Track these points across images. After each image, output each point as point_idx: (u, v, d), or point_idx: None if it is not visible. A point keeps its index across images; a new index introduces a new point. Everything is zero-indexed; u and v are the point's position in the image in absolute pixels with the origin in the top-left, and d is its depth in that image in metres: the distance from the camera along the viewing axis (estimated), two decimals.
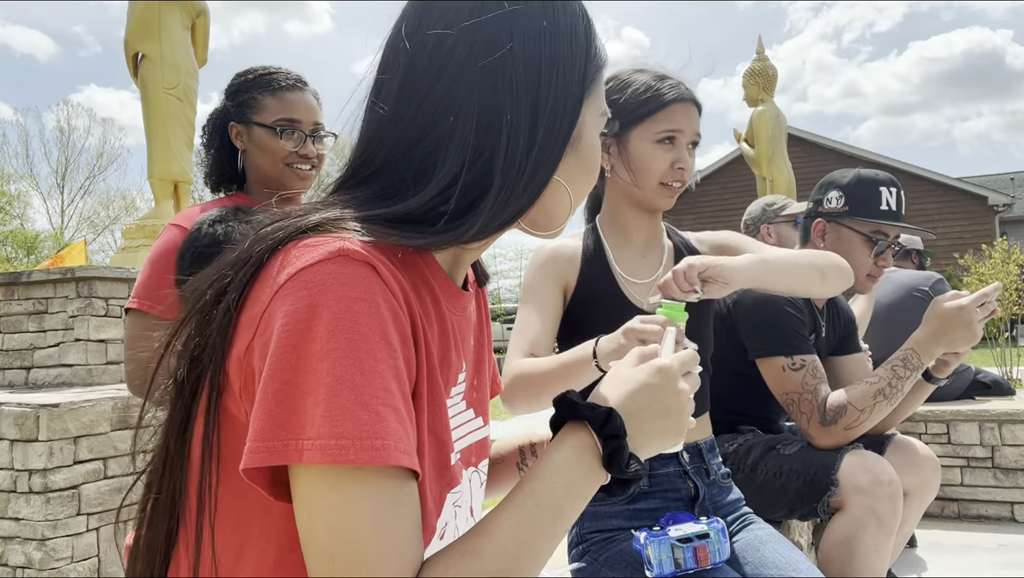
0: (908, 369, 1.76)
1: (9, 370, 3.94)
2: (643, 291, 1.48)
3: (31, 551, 2.85)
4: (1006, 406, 3.53)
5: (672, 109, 1.44)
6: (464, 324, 0.80)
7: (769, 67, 9.48)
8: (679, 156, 1.45)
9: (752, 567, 1.32)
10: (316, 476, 0.55)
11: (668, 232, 1.59)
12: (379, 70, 0.73)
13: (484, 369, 0.90)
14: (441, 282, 0.73)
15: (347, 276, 0.58)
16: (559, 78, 0.70)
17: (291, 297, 0.58)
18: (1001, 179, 24.25)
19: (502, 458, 1.02)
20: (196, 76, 5.35)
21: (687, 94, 1.45)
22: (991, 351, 4.83)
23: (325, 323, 0.56)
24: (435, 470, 0.68)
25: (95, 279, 3.79)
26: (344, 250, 0.59)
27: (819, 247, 2.01)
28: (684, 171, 1.45)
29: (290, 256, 0.61)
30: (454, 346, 0.75)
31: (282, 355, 0.56)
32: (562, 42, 0.71)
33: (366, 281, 0.59)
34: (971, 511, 3.54)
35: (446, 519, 0.71)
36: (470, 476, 0.81)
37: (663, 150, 1.45)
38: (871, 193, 1.94)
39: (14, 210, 28.01)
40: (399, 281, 0.63)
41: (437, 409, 0.68)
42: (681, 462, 1.43)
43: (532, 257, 1.54)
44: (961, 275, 9.86)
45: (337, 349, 0.56)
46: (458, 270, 0.78)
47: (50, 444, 2.85)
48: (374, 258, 0.60)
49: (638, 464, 0.68)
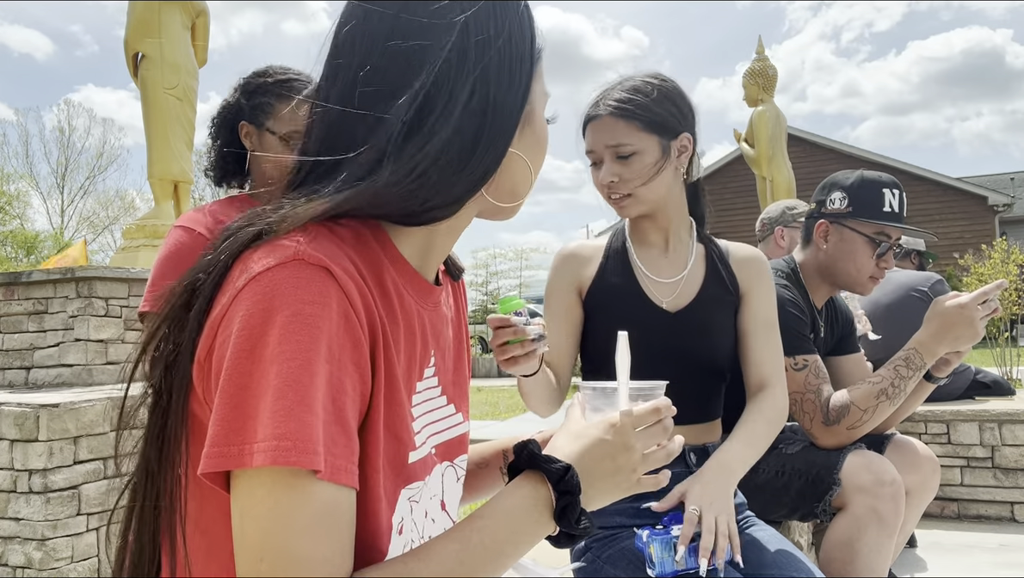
0: (911, 369, 1.76)
1: (9, 370, 3.94)
2: (664, 290, 1.48)
3: (31, 551, 2.85)
4: (1006, 406, 3.53)
5: (587, 132, 1.49)
6: (437, 318, 0.80)
7: (769, 67, 9.49)
8: (600, 175, 1.47)
9: (753, 567, 1.32)
10: (254, 478, 0.56)
11: (702, 237, 1.58)
12: (331, 56, 0.73)
13: (463, 363, 0.91)
14: (409, 278, 0.74)
15: (302, 280, 0.59)
16: (511, 52, 0.72)
17: (247, 302, 0.59)
18: (1001, 179, 24.26)
19: (486, 462, 1.03)
20: (196, 76, 5.35)
21: (594, 110, 1.48)
22: (991, 351, 4.83)
23: (277, 327, 0.57)
24: (391, 468, 0.69)
25: (95, 279, 3.79)
26: (300, 254, 0.60)
27: (822, 247, 2.02)
28: (607, 187, 1.47)
29: (251, 260, 0.62)
30: (421, 340, 0.76)
31: (236, 360, 0.57)
32: (512, 19, 0.73)
33: (320, 285, 0.59)
34: (971, 511, 3.54)
35: (401, 514, 0.71)
36: (443, 470, 0.81)
37: (595, 171, 1.50)
38: (874, 194, 1.94)
39: (14, 210, 28.03)
40: (357, 283, 0.63)
41: (396, 408, 0.69)
42: (688, 463, 1.43)
43: (553, 259, 1.58)
44: (961, 275, 9.86)
45: (286, 352, 0.56)
46: (428, 264, 0.78)
47: (50, 444, 2.85)
48: (330, 261, 0.61)
49: (588, 521, 0.69)
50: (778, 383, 1.50)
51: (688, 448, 1.44)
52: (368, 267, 0.68)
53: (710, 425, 1.50)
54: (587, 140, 1.50)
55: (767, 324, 1.52)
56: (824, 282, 2.05)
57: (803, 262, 2.08)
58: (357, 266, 0.65)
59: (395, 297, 0.71)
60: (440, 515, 0.80)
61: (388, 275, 0.71)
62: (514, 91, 0.73)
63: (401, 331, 0.71)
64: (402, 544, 0.72)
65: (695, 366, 1.46)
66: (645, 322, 1.44)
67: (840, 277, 2.00)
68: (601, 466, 0.72)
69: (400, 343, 0.71)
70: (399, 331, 0.70)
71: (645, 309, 1.45)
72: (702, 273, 1.51)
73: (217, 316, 0.61)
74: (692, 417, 1.46)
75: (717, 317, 1.48)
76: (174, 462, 0.64)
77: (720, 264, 1.53)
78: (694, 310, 1.46)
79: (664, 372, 1.46)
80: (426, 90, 0.67)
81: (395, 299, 0.71)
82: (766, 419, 1.43)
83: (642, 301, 1.46)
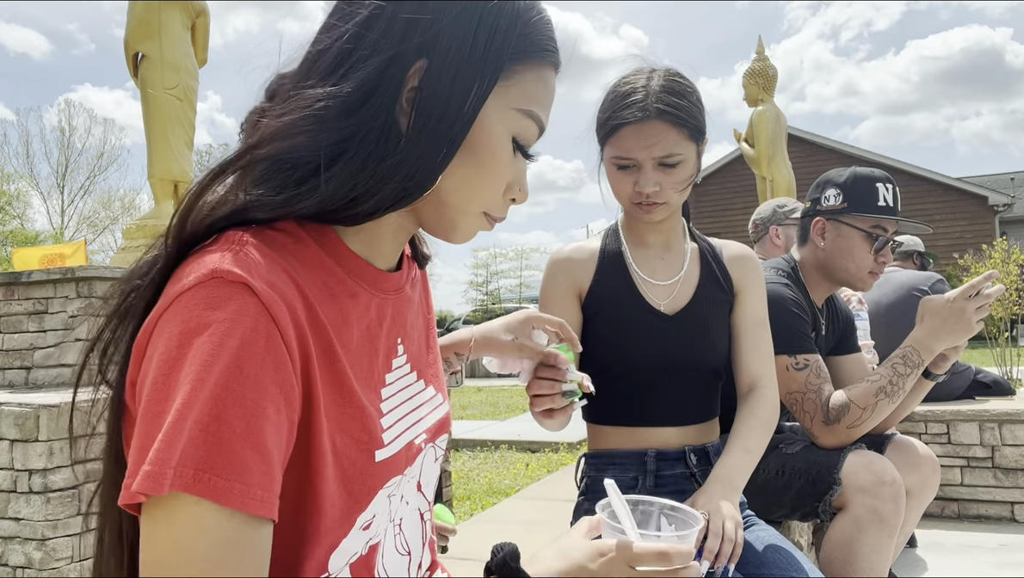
0: (908, 366, 1.76)
1: (9, 370, 3.94)
2: (661, 292, 1.47)
3: (31, 551, 2.85)
4: (1006, 406, 3.52)
5: (621, 135, 1.36)
6: (402, 303, 0.80)
7: (769, 67, 9.48)
8: (638, 179, 1.37)
9: (753, 567, 1.32)
10: (157, 504, 0.54)
11: (693, 234, 1.57)
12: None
13: (434, 344, 0.90)
14: (360, 271, 0.73)
15: (217, 300, 0.57)
16: (455, 65, 0.67)
17: (167, 326, 0.58)
18: (1001, 179, 24.26)
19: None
20: (196, 76, 5.35)
21: (637, 113, 1.33)
22: (991, 351, 4.83)
23: (191, 351, 0.55)
24: (355, 469, 0.68)
25: (95, 279, 3.79)
26: (217, 272, 0.58)
27: (819, 245, 2.02)
28: (648, 194, 1.37)
29: (177, 277, 0.61)
30: (386, 331, 0.76)
31: (153, 387, 0.56)
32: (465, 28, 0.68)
33: (238, 303, 0.57)
34: (971, 511, 3.54)
35: (373, 511, 0.71)
36: (425, 453, 0.81)
37: (623, 175, 1.39)
38: (868, 189, 1.95)
39: (14, 210, 28.02)
40: (283, 294, 0.61)
41: (351, 412, 0.67)
42: (688, 464, 1.43)
43: (547, 265, 1.53)
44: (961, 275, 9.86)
45: (195, 378, 0.54)
46: (380, 253, 0.76)
47: (50, 444, 2.85)
48: (251, 276, 0.59)
49: None
50: (769, 383, 1.50)
51: (689, 448, 1.44)
52: (311, 275, 0.66)
53: (709, 425, 1.50)
54: (622, 144, 1.37)
55: (758, 323, 1.52)
56: (824, 280, 2.05)
57: (802, 260, 2.08)
58: (290, 274, 0.63)
59: (345, 296, 0.70)
60: (415, 496, 0.80)
61: (333, 274, 0.70)
62: (450, 110, 0.67)
63: (354, 330, 0.70)
64: (366, 537, 0.72)
65: (694, 367, 1.46)
66: (643, 326, 1.44)
67: (839, 273, 2.00)
68: None
69: (352, 343, 0.69)
70: (350, 331, 0.69)
71: (643, 313, 1.45)
72: (697, 273, 1.50)
73: (143, 340, 0.60)
74: (692, 418, 1.46)
75: (714, 317, 1.48)
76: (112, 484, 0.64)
77: (714, 263, 1.52)
78: (691, 311, 1.46)
79: (664, 374, 1.47)
80: (345, 94, 0.65)
81: (344, 299, 0.70)
82: (761, 423, 1.43)
83: (639, 305, 1.45)
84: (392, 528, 0.77)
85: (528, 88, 0.73)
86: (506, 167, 0.74)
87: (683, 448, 1.43)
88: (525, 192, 0.78)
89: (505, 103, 0.72)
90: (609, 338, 1.45)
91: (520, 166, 0.77)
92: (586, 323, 1.47)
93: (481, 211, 0.76)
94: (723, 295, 1.50)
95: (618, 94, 1.39)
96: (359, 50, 0.67)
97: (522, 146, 0.75)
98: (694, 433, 1.46)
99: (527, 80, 0.73)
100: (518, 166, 0.76)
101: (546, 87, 0.75)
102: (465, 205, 0.74)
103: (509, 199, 0.77)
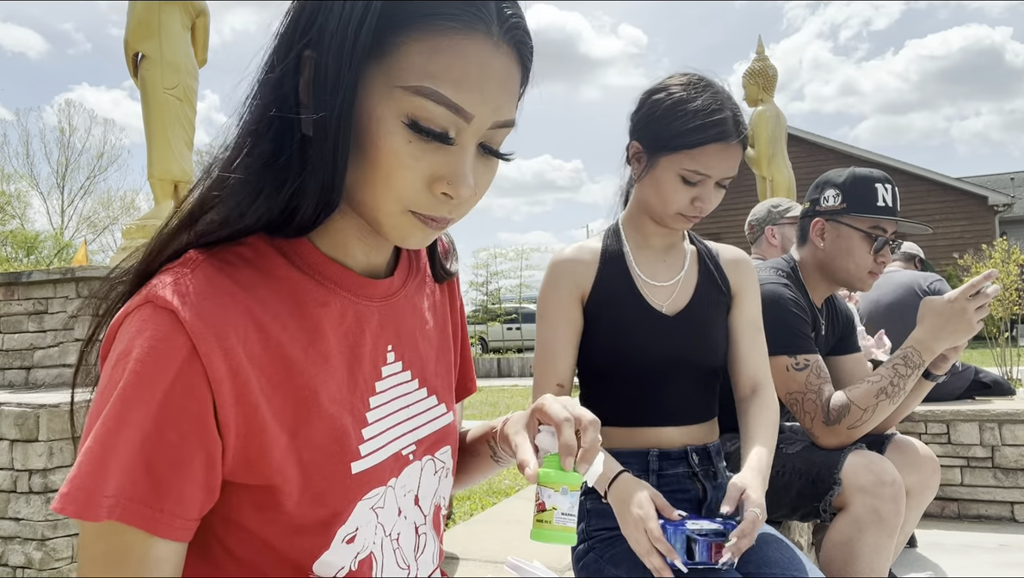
0: (909, 367, 1.76)
1: (9, 370, 3.94)
2: (661, 293, 1.48)
3: (31, 551, 2.85)
4: (1006, 406, 3.52)
5: (706, 151, 1.34)
6: (392, 309, 0.78)
7: (769, 67, 9.49)
8: (701, 194, 1.38)
9: (754, 566, 1.32)
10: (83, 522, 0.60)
11: (690, 237, 1.58)
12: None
13: (450, 355, 0.89)
14: (338, 278, 0.72)
15: (146, 325, 0.60)
16: (330, 54, 0.62)
17: (110, 347, 0.63)
18: (1001, 179, 24.26)
19: (476, 451, 0.98)
20: (196, 76, 5.35)
21: (729, 133, 1.34)
22: (991, 351, 4.83)
23: (118, 373, 0.60)
24: (328, 482, 0.68)
25: (95, 279, 3.79)
26: (151, 297, 0.61)
27: (819, 245, 2.02)
28: (704, 207, 1.39)
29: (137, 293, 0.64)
30: (371, 338, 0.74)
31: (93, 405, 0.62)
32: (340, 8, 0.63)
33: (164, 330, 0.60)
34: (971, 511, 3.54)
35: (355, 524, 0.71)
36: (423, 465, 0.80)
37: (686, 188, 1.38)
38: (868, 190, 1.95)
39: (14, 210, 28.02)
40: (214, 323, 0.61)
41: (317, 424, 0.67)
42: (690, 464, 1.43)
43: (548, 267, 1.51)
44: (961, 275, 9.86)
45: (113, 401, 0.59)
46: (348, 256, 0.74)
47: (50, 444, 2.85)
48: (181, 303, 0.60)
49: None
50: (769, 384, 1.51)
51: (691, 448, 1.44)
52: (273, 289, 0.67)
53: (710, 424, 1.51)
54: (704, 160, 1.35)
55: (755, 325, 1.54)
56: (823, 280, 2.05)
57: (801, 261, 2.08)
58: (237, 298, 0.64)
59: (314, 306, 0.69)
60: (412, 510, 0.79)
61: (307, 288, 0.69)
62: (332, 98, 0.62)
63: (330, 340, 0.70)
64: (353, 551, 0.71)
65: (695, 367, 1.46)
66: (645, 327, 1.44)
67: (839, 274, 2.00)
68: None
69: (328, 354, 0.69)
70: (324, 343, 0.69)
71: (644, 314, 1.45)
72: (696, 275, 1.51)
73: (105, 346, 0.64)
74: (694, 417, 1.47)
75: (713, 318, 1.49)
76: None
77: (712, 265, 1.53)
78: (691, 312, 1.47)
79: (666, 375, 1.47)
80: (249, 97, 0.67)
81: (314, 308, 0.69)
82: (772, 422, 1.45)
83: (641, 306, 1.46)
84: (389, 542, 0.75)
85: (416, 61, 0.61)
86: (400, 155, 0.63)
87: (685, 448, 1.44)
88: (458, 185, 0.64)
89: (388, 83, 0.62)
90: (611, 339, 1.45)
91: (442, 155, 0.64)
92: (588, 324, 1.47)
93: (402, 209, 0.66)
94: (721, 296, 1.51)
95: (702, 107, 1.35)
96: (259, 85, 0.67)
97: (427, 128, 0.62)
98: (696, 433, 1.46)
99: (413, 53, 0.61)
100: (437, 155, 0.64)
101: (450, 57, 0.62)
102: (376, 204, 0.66)
103: (440, 192, 0.65)
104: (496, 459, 0.93)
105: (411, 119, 0.62)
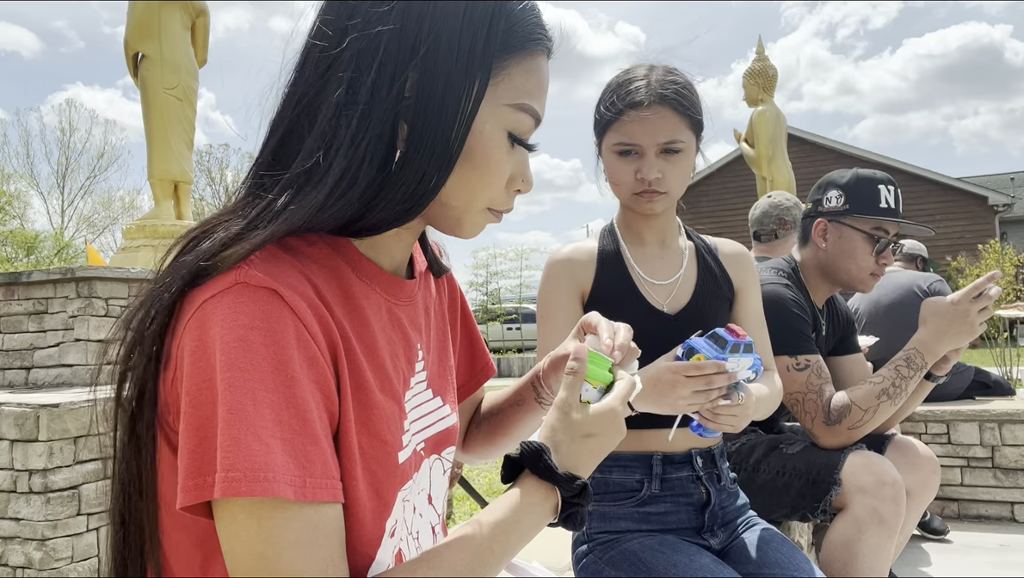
0: (911, 369, 1.76)
1: (9, 370, 3.94)
2: (661, 292, 1.47)
3: (31, 551, 2.85)
4: (1006, 406, 3.52)
5: (624, 120, 1.36)
6: (414, 312, 0.80)
7: (769, 67, 9.49)
8: (640, 165, 1.37)
9: (754, 566, 1.31)
10: (234, 505, 0.57)
11: (688, 233, 1.57)
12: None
13: (449, 356, 0.90)
14: (375, 277, 0.74)
15: (243, 305, 0.59)
16: (444, 77, 0.66)
17: (195, 333, 0.59)
18: (1001, 179, 24.27)
19: (521, 399, 1.00)
20: (196, 76, 5.35)
21: (640, 100, 1.34)
22: (991, 351, 4.83)
23: (222, 355, 0.57)
24: (382, 472, 0.69)
25: (95, 279, 3.79)
26: (241, 277, 0.60)
27: (821, 246, 2.02)
28: (650, 181, 1.36)
29: (202, 285, 0.62)
30: (403, 338, 0.76)
31: (192, 392, 0.58)
32: (450, 26, 0.67)
33: (264, 307, 0.59)
34: (971, 511, 3.54)
35: (396, 517, 0.71)
36: (431, 464, 0.81)
37: (624, 162, 1.39)
38: (870, 191, 1.95)
39: (14, 210, 28.01)
40: (308, 298, 0.62)
41: (375, 412, 0.68)
42: (695, 467, 1.42)
43: (546, 267, 1.51)
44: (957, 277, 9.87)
45: (232, 381, 0.57)
46: (384, 255, 0.76)
47: (50, 444, 2.85)
48: (276, 281, 0.60)
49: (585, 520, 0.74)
50: (773, 369, 1.52)
51: (695, 451, 1.43)
52: (327, 277, 0.68)
53: None
54: (625, 129, 1.37)
55: (759, 320, 1.53)
56: (824, 281, 2.05)
57: (803, 261, 2.08)
58: (311, 279, 0.65)
59: (360, 298, 0.70)
60: (427, 509, 0.80)
61: (352, 280, 0.71)
62: (445, 115, 0.66)
63: (375, 331, 0.71)
64: (393, 546, 0.72)
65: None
66: (646, 326, 1.43)
67: (841, 275, 2.00)
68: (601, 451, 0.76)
69: (374, 344, 0.70)
70: (370, 332, 0.70)
71: (645, 313, 1.44)
72: (695, 272, 1.50)
73: (173, 345, 0.62)
74: None
75: (715, 315, 1.48)
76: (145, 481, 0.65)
77: (712, 261, 1.52)
78: (692, 310, 1.46)
79: None
80: (341, 109, 0.66)
81: (360, 300, 0.70)
82: (771, 389, 1.44)
83: (641, 305, 1.45)
84: (412, 541, 0.76)
85: (518, 82, 0.71)
86: (503, 164, 0.73)
87: (689, 451, 1.43)
88: (529, 181, 0.77)
89: (496, 101, 0.70)
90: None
91: (520, 158, 0.76)
92: None
93: (484, 207, 0.75)
94: (722, 292, 1.50)
95: (619, 83, 1.40)
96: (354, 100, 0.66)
97: (519, 139, 0.74)
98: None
99: (516, 74, 0.71)
100: (517, 158, 0.75)
101: (538, 76, 0.73)
102: (467, 205, 0.74)
103: (513, 190, 0.77)
104: (540, 400, 0.97)
105: (511, 131, 0.72)
